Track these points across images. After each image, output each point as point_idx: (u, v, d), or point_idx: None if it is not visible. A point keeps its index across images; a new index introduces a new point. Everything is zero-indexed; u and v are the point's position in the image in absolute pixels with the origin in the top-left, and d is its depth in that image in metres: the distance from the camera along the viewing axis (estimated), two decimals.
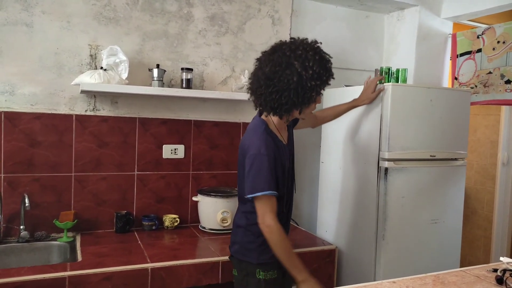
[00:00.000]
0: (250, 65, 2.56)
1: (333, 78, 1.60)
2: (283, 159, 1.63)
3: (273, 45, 1.60)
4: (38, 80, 2.12)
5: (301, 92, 1.51)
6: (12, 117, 2.07)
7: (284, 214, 1.70)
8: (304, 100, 1.55)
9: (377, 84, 2.10)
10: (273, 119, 1.64)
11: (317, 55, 1.53)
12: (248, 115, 2.60)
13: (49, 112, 2.14)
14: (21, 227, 2.04)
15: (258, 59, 1.63)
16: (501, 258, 1.50)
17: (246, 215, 1.68)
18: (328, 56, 1.58)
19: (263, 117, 1.66)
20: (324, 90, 1.61)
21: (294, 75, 1.49)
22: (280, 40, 1.61)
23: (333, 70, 1.84)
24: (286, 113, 1.58)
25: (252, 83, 1.62)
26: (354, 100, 2.11)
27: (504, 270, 1.40)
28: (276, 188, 1.55)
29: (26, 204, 1.97)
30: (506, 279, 1.34)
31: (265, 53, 1.61)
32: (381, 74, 2.42)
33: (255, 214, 1.58)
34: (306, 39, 1.58)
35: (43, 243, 2.07)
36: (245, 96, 2.38)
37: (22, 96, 2.09)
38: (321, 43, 1.59)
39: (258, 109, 1.66)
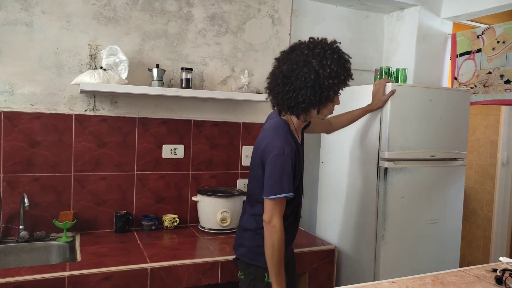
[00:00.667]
0: (250, 65, 2.57)
1: (352, 79, 1.59)
2: (301, 161, 1.63)
3: (291, 45, 1.62)
4: (37, 80, 2.12)
5: (318, 90, 1.51)
6: (11, 117, 2.07)
7: (291, 218, 1.67)
8: (321, 99, 1.54)
9: (385, 86, 2.07)
10: (293, 120, 1.63)
11: (335, 54, 1.53)
12: (248, 115, 2.60)
13: (49, 112, 2.14)
14: (21, 227, 2.04)
15: (276, 59, 1.63)
16: (501, 258, 1.50)
17: (255, 218, 1.65)
18: (347, 56, 1.57)
19: (284, 117, 1.64)
20: (342, 89, 1.59)
21: (311, 73, 1.49)
22: (299, 40, 1.61)
23: None
24: (303, 112, 1.57)
25: (269, 82, 1.62)
26: (368, 105, 2.08)
27: (504, 270, 1.40)
28: (293, 191, 1.54)
29: (26, 204, 1.97)
30: (506, 279, 1.34)
31: (283, 53, 1.62)
32: (380, 74, 2.42)
33: (261, 221, 1.57)
34: (325, 39, 1.58)
35: (42, 243, 2.07)
36: (245, 96, 2.39)
37: (21, 96, 2.09)
38: (340, 43, 1.59)
39: (274, 108, 1.66)
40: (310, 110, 1.57)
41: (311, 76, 1.49)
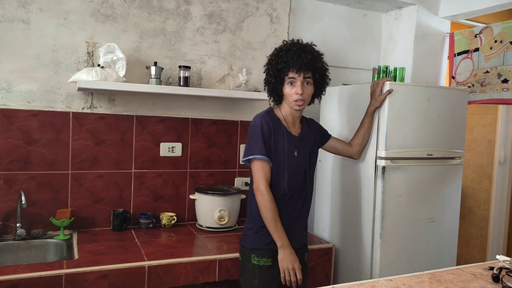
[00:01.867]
0: (248, 63, 2.57)
1: (285, 65, 1.70)
2: (279, 141, 1.76)
3: None
4: (35, 77, 2.11)
5: (265, 75, 1.81)
6: (8, 114, 2.06)
7: (291, 198, 1.79)
8: (266, 82, 1.80)
9: (383, 85, 2.06)
10: (282, 109, 1.82)
11: (278, 47, 1.77)
12: (246, 113, 2.60)
13: (46, 109, 2.14)
14: (18, 224, 2.04)
15: None
16: (497, 256, 1.51)
17: (250, 202, 1.82)
18: (287, 47, 1.74)
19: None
20: (287, 75, 1.72)
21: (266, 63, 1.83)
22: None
23: (331, 69, 1.87)
24: (272, 97, 1.83)
25: None
26: (367, 108, 2.09)
27: (500, 268, 1.40)
28: (268, 155, 1.71)
29: (23, 202, 1.97)
30: (502, 277, 1.34)
31: None
32: (378, 73, 2.42)
33: (253, 200, 1.75)
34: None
35: (39, 241, 2.06)
36: (243, 94, 2.39)
37: (18, 93, 2.09)
38: (299, 40, 1.78)
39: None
40: (275, 94, 1.81)
41: (265, 66, 1.82)
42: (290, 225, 1.78)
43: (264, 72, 1.82)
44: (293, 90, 1.72)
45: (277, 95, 1.81)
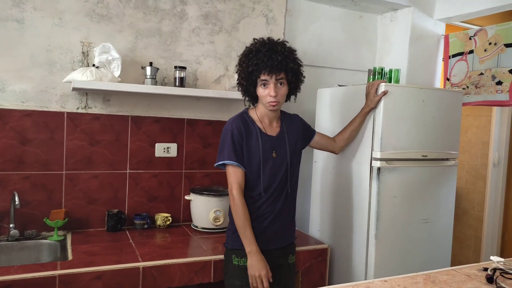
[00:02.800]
0: None
1: (256, 67, 1.68)
2: (253, 144, 1.75)
3: None
4: (29, 77, 2.09)
5: (237, 77, 1.79)
6: (2, 114, 2.05)
7: (270, 199, 1.78)
8: (239, 83, 1.79)
9: (378, 87, 2.07)
10: (258, 110, 1.81)
11: (247, 48, 1.76)
12: None
13: (40, 109, 2.12)
14: (11, 225, 2.02)
15: None
16: (492, 257, 1.51)
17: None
18: (253, 46, 1.73)
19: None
20: (259, 77, 1.70)
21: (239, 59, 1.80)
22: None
23: (326, 70, 1.87)
24: (246, 98, 1.83)
25: None
26: (362, 109, 2.10)
27: (494, 269, 1.41)
28: (238, 161, 1.72)
29: (16, 202, 1.95)
30: (496, 278, 1.35)
31: None
32: (374, 74, 2.43)
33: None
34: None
35: (33, 241, 2.05)
36: (238, 95, 2.37)
37: (12, 93, 2.07)
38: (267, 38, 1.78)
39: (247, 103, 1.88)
40: (248, 95, 1.81)
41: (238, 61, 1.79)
42: (268, 226, 1.77)
43: (236, 72, 1.81)
44: (266, 91, 1.70)
45: (251, 95, 1.80)
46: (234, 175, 1.73)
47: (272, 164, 1.77)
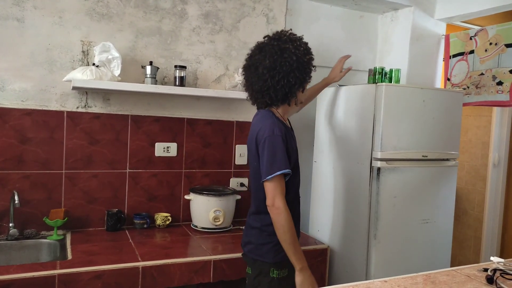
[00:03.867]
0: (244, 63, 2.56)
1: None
2: (293, 144, 1.70)
3: (255, 46, 1.71)
4: (29, 76, 2.09)
5: (302, 68, 1.64)
6: (2, 113, 2.05)
7: (297, 199, 1.75)
8: (306, 76, 1.67)
9: (343, 64, 2.29)
10: (279, 110, 1.72)
11: (297, 37, 1.69)
12: (242, 113, 2.59)
13: (40, 108, 2.12)
14: (10, 224, 2.02)
15: (247, 65, 1.71)
16: (492, 258, 1.51)
17: (260, 217, 1.69)
18: (304, 41, 1.71)
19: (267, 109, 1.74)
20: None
21: (292, 56, 1.61)
22: (257, 42, 1.71)
23: (327, 70, 1.89)
24: (294, 95, 1.67)
25: (253, 85, 1.68)
26: (324, 79, 2.28)
27: (495, 270, 1.41)
28: (290, 168, 1.60)
29: (16, 202, 1.95)
30: (496, 278, 1.35)
31: (253, 55, 1.69)
32: (374, 74, 2.43)
33: (268, 214, 1.60)
34: (277, 31, 1.71)
35: (32, 241, 2.04)
36: (238, 94, 2.38)
37: (12, 92, 2.07)
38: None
39: (263, 107, 1.72)
40: (298, 91, 1.68)
41: (293, 58, 1.61)
42: (297, 228, 1.75)
43: (309, 68, 1.67)
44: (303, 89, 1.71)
45: (293, 96, 1.68)
46: (280, 185, 1.57)
47: (296, 157, 1.73)
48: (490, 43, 2.66)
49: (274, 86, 1.62)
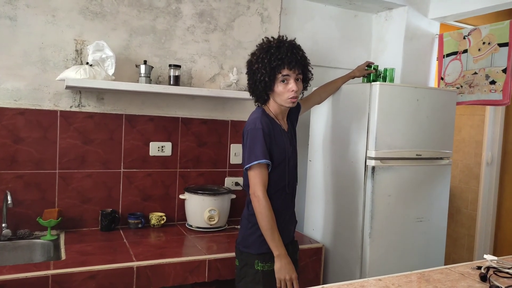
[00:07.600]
0: (238, 63, 2.56)
1: (280, 62, 1.66)
2: (280, 140, 1.73)
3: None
4: (22, 75, 2.07)
5: (252, 75, 1.73)
6: None
7: (288, 195, 1.80)
8: (256, 83, 1.71)
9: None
10: (270, 108, 1.78)
11: (264, 44, 1.73)
12: (237, 113, 2.59)
13: (33, 107, 2.10)
14: (3, 225, 2.00)
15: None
16: (485, 256, 1.52)
17: (247, 205, 1.76)
18: (273, 43, 1.71)
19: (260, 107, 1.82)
20: (281, 73, 1.68)
21: (248, 62, 1.77)
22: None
23: (321, 69, 1.88)
24: (262, 98, 1.75)
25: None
26: (348, 73, 2.33)
27: (488, 268, 1.42)
28: (269, 160, 1.67)
29: (9, 202, 1.93)
30: (490, 276, 1.36)
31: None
32: (368, 73, 2.43)
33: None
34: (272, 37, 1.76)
35: (26, 241, 2.03)
36: (233, 93, 2.38)
37: (5, 91, 2.05)
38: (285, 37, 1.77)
39: (256, 105, 1.83)
40: (264, 94, 1.73)
41: (248, 64, 1.75)
42: (287, 223, 1.80)
43: (252, 71, 1.72)
44: (287, 87, 1.69)
45: (265, 94, 1.74)
46: (261, 175, 1.65)
47: (289, 160, 1.78)
48: (483, 43, 2.67)
49: (250, 86, 1.78)
